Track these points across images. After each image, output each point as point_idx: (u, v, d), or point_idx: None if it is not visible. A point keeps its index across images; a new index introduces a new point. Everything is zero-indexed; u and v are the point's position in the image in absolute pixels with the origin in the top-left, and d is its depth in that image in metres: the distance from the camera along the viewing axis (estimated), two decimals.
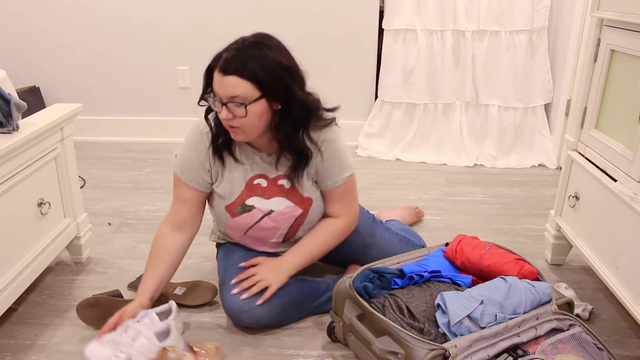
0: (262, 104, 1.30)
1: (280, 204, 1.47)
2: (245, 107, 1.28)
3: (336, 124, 1.46)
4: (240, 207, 1.47)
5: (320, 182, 1.50)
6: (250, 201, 1.47)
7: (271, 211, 1.47)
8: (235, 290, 1.43)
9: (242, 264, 1.51)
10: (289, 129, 1.36)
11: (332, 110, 1.44)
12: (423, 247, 1.73)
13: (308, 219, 1.52)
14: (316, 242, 1.53)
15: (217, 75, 1.28)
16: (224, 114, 1.30)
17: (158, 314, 1.36)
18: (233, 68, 1.26)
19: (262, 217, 1.48)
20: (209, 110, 1.41)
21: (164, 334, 1.31)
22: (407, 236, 1.72)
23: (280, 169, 1.46)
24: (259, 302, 1.42)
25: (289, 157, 1.43)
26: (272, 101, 1.31)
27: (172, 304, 1.41)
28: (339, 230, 1.54)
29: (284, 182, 1.47)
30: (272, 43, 1.33)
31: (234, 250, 1.58)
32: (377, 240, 1.64)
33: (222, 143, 1.42)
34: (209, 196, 1.52)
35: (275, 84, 1.29)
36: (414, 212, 2.13)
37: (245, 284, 1.44)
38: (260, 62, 1.27)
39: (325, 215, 1.56)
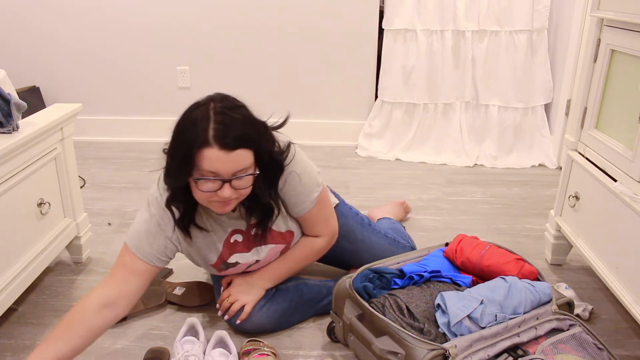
0: (253, 174, 1.19)
1: (261, 252, 1.41)
2: (253, 176, 1.18)
3: (291, 145, 1.32)
4: (223, 265, 1.40)
5: (290, 210, 1.38)
6: (232, 258, 1.39)
7: (255, 261, 1.42)
8: (219, 313, 1.44)
9: (223, 282, 1.48)
10: (266, 190, 1.26)
11: (282, 124, 1.30)
12: (412, 247, 1.73)
13: (293, 244, 1.48)
14: (293, 260, 1.48)
15: (214, 153, 1.10)
16: (227, 192, 1.14)
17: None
18: (237, 141, 1.11)
19: (249, 267, 1.45)
20: (175, 198, 1.24)
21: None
22: (395, 237, 1.70)
23: (251, 218, 1.35)
24: (237, 321, 1.42)
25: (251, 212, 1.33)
26: (257, 164, 1.20)
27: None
28: (318, 251, 1.49)
29: (258, 230, 1.36)
30: (236, 101, 1.18)
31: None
32: (366, 245, 1.62)
33: (188, 221, 1.29)
34: (188, 256, 1.41)
35: (264, 145, 1.20)
36: (402, 208, 2.13)
37: (223, 306, 1.44)
38: (251, 126, 1.16)
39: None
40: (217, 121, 1.11)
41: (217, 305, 1.46)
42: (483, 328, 1.16)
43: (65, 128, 1.65)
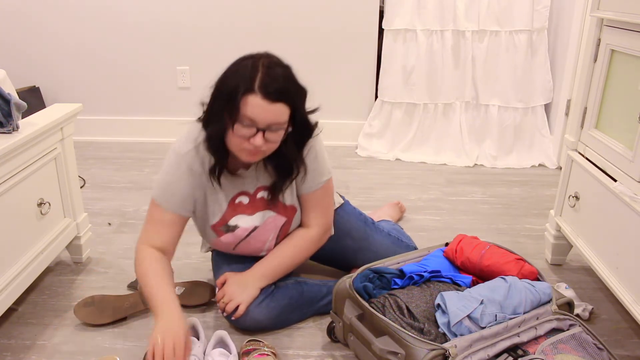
0: (286, 130, 1.27)
1: (262, 217, 1.44)
2: (286, 131, 1.26)
3: (318, 123, 1.39)
4: (224, 227, 1.43)
5: (298, 186, 1.44)
6: (233, 220, 1.42)
7: (255, 227, 1.44)
8: (223, 314, 1.45)
9: (217, 283, 1.49)
10: (292, 149, 1.33)
11: (313, 111, 1.35)
12: (414, 248, 1.73)
13: (293, 226, 1.50)
14: (286, 255, 1.48)
15: (257, 100, 1.18)
16: (259, 141, 1.21)
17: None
18: (278, 94, 1.19)
19: (247, 235, 1.45)
20: (210, 129, 1.29)
21: None
22: (398, 236, 1.71)
23: (260, 180, 1.42)
24: (232, 318, 1.42)
25: (269, 170, 1.40)
26: (290, 123, 1.28)
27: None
28: (311, 243, 1.50)
29: (264, 194, 1.42)
30: (282, 61, 1.26)
31: (222, 262, 1.56)
32: (369, 243, 1.63)
33: (219, 169, 1.34)
34: (193, 216, 1.45)
35: (300, 107, 1.27)
36: (398, 208, 2.14)
37: (219, 306, 1.44)
38: (293, 84, 1.24)
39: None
40: (264, 73, 1.19)
41: (217, 303, 1.47)
42: (483, 328, 1.16)
43: (65, 128, 1.65)
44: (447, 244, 1.55)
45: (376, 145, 2.99)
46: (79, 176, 2.53)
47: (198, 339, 1.36)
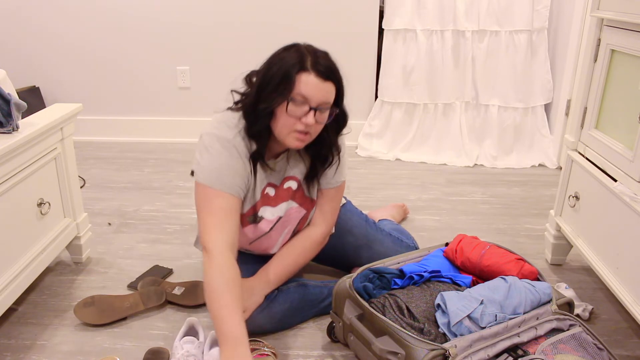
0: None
1: (285, 208, 1.45)
2: (334, 112, 1.29)
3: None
4: (252, 217, 1.43)
5: (319, 179, 1.48)
6: (261, 211, 1.43)
7: (279, 218, 1.45)
8: None
9: None
10: (333, 135, 1.37)
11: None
12: (415, 247, 1.73)
13: (308, 220, 1.52)
14: (290, 259, 1.48)
15: (311, 78, 1.23)
16: (311, 119, 1.24)
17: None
18: (330, 74, 1.25)
19: (270, 229, 1.45)
20: (257, 115, 1.28)
21: None
22: (399, 236, 1.72)
23: (288, 171, 1.44)
24: None
25: (299, 159, 1.43)
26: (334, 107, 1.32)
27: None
28: (315, 244, 1.51)
29: (291, 184, 1.45)
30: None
31: None
32: (370, 241, 1.64)
33: (262, 151, 1.33)
34: None
35: (342, 94, 1.32)
36: (402, 210, 2.15)
37: None
38: (338, 69, 1.30)
39: None
40: (313, 55, 1.26)
41: None
42: (483, 328, 1.16)
43: (65, 128, 1.65)
44: (447, 244, 1.55)
45: (376, 145, 2.99)
46: (79, 176, 2.53)
47: (198, 339, 1.36)
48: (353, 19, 2.90)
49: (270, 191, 1.43)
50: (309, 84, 1.23)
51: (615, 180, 1.43)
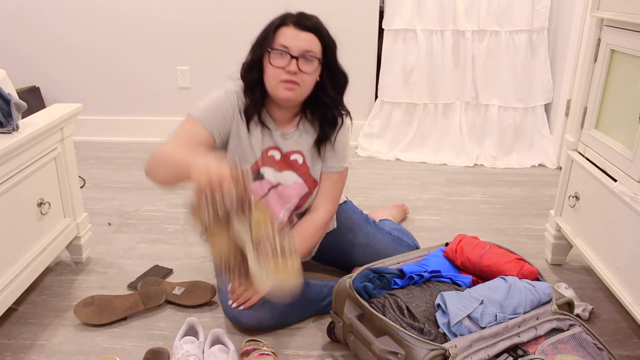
0: (318, 67, 1.38)
1: (289, 179, 1.49)
2: (319, 61, 1.36)
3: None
4: (254, 175, 1.48)
5: (323, 163, 1.52)
6: (263, 170, 1.48)
7: (279, 184, 1.48)
8: (232, 304, 1.44)
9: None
10: (333, 96, 1.43)
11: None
12: (416, 247, 1.73)
13: (309, 202, 1.53)
14: (298, 243, 1.49)
15: (289, 30, 1.35)
16: (293, 67, 1.33)
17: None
18: (309, 25, 1.35)
19: (269, 190, 1.48)
20: (248, 71, 1.42)
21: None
22: (400, 236, 1.72)
23: (299, 145, 1.49)
24: (241, 307, 1.43)
25: (311, 133, 1.48)
26: (320, 67, 1.39)
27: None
28: (318, 229, 1.54)
29: (296, 157, 1.49)
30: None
31: None
32: (370, 239, 1.64)
33: (253, 106, 1.42)
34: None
35: (332, 51, 1.39)
36: (402, 210, 2.15)
37: (235, 294, 1.44)
38: (325, 28, 1.39)
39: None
40: (297, 14, 1.38)
41: (229, 295, 1.45)
42: (483, 328, 1.16)
43: (65, 128, 1.65)
44: (447, 244, 1.55)
45: (376, 145, 2.99)
46: (79, 176, 2.52)
47: (198, 339, 1.36)
48: (353, 19, 2.90)
49: (276, 154, 1.48)
50: (287, 35, 1.35)
51: (615, 180, 1.43)
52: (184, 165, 1.13)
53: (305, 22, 1.35)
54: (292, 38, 1.34)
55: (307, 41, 1.34)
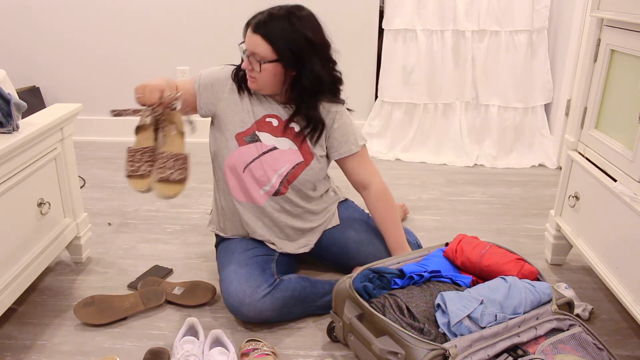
0: (277, 67, 1.43)
1: (285, 144, 1.54)
2: (260, 64, 1.43)
3: (346, 107, 1.60)
4: (249, 137, 1.54)
5: (336, 151, 1.58)
6: (259, 133, 1.54)
7: (274, 147, 1.53)
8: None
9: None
10: (301, 95, 1.48)
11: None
12: (418, 244, 1.74)
13: (304, 175, 1.54)
14: (385, 221, 1.61)
15: (248, 30, 1.45)
16: (245, 64, 1.47)
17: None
18: (260, 29, 1.41)
19: (264, 153, 1.52)
20: (240, 66, 1.54)
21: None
22: None
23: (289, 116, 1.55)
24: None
25: (302, 120, 1.54)
26: (288, 67, 1.44)
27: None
28: (382, 193, 1.61)
29: (294, 125, 1.55)
30: (303, 15, 1.47)
31: (233, 247, 1.58)
32: (371, 237, 1.65)
33: (242, 80, 1.53)
34: (219, 126, 1.56)
35: (292, 54, 1.42)
36: (402, 210, 2.16)
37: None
38: (284, 31, 1.41)
39: (359, 188, 1.64)
40: (265, 14, 1.43)
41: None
42: (483, 328, 1.16)
43: (65, 128, 1.65)
44: (447, 244, 1.55)
45: (376, 145, 2.99)
46: (79, 176, 2.52)
47: (198, 339, 1.36)
48: (353, 19, 2.90)
49: (274, 121, 1.55)
50: (246, 35, 1.45)
51: (615, 180, 1.43)
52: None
53: (259, 26, 1.42)
54: (247, 38, 1.45)
55: (255, 44, 1.42)
